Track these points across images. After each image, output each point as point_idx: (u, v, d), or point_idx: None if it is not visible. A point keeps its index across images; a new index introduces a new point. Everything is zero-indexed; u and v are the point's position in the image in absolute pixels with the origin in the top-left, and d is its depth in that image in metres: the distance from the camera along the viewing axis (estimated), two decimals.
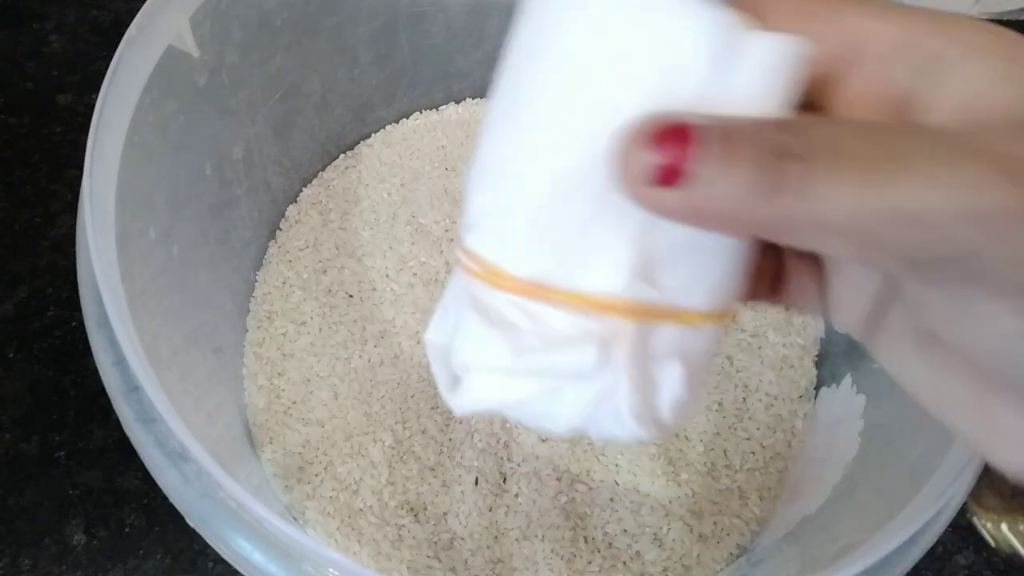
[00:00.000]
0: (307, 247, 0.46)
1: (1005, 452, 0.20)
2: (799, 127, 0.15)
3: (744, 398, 0.42)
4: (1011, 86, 0.17)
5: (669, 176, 0.15)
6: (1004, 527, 0.22)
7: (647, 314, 0.17)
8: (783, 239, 0.16)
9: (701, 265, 0.17)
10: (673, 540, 0.39)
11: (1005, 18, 0.56)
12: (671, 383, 0.18)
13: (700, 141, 0.15)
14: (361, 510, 0.38)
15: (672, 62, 0.16)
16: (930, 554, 0.27)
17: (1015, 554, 0.22)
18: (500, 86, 0.18)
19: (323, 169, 0.49)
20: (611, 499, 0.39)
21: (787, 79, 0.16)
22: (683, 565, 0.38)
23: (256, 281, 0.45)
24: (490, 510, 0.39)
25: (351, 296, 0.45)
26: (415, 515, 0.39)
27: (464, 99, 0.51)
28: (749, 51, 0.16)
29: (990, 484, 0.25)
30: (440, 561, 0.38)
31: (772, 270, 0.22)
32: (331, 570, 0.25)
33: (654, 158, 0.15)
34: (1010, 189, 0.15)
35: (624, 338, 0.17)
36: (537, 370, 0.18)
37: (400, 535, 0.38)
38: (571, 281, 0.17)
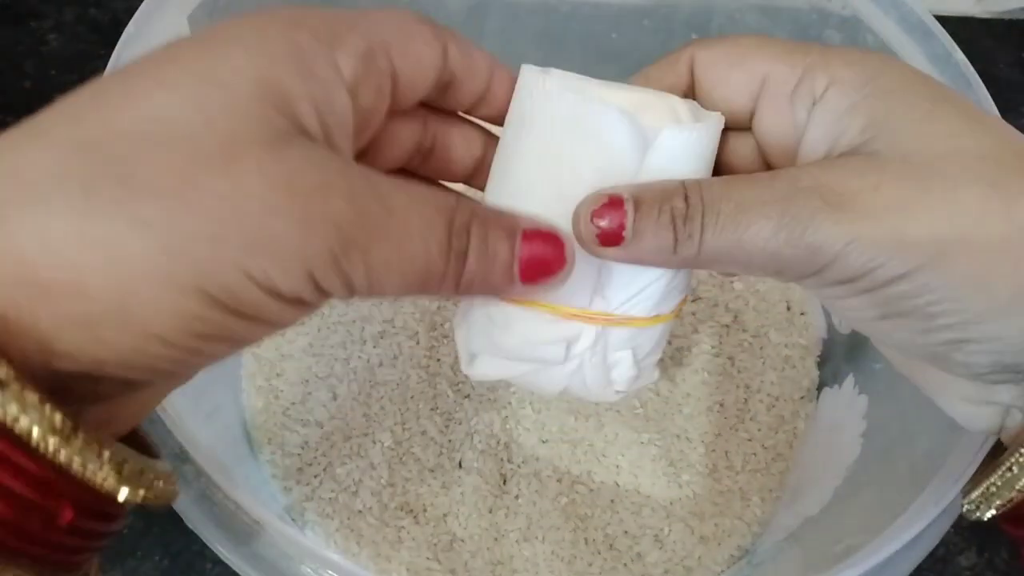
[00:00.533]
0: None
1: (946, 406, 0.24)
2: (690, 192, 0.21)
3: (746, 399, 0.42)
4: (855, 116, 0.21)
5: (609, 239, 0.21)
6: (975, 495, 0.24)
7: (604, 321, 0.24)
8: (696, 268, 0.24)
9: (643, 287, 0.24)
10: (674, 542, 0.38)
11: (1007, 17, 0.56)
12: (623, 366, 0.25)
13: (626, 212, 0.21)
14: (360, 511, 0.38)
15: (610, 153, 0.22)
16: (932, 555, 0.27)
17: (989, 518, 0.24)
18: (498, 156, 0.24)
19: None
20: (612, 500, 0.39)
21: (695, 152, 0.23)
22: (684, 567, 0.38)
23: None
24: (490, 511, 0.39)
25: None
26: (415, 516, 0.38)
27: None
28: (663, 141, 0.22)
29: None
30: (440, 563, 0.37)
31: None
32: (330, 572, 0.25)
33: (597, 227, 0.21)
34: (826, 210, 0.20)
35: (586, 337, 0.24)
36: (524, 358, 0.25)
37: (400, 536, 0.38)
38: (551, 297, 0.24)
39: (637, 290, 0.24)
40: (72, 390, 0.17)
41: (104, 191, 0.16)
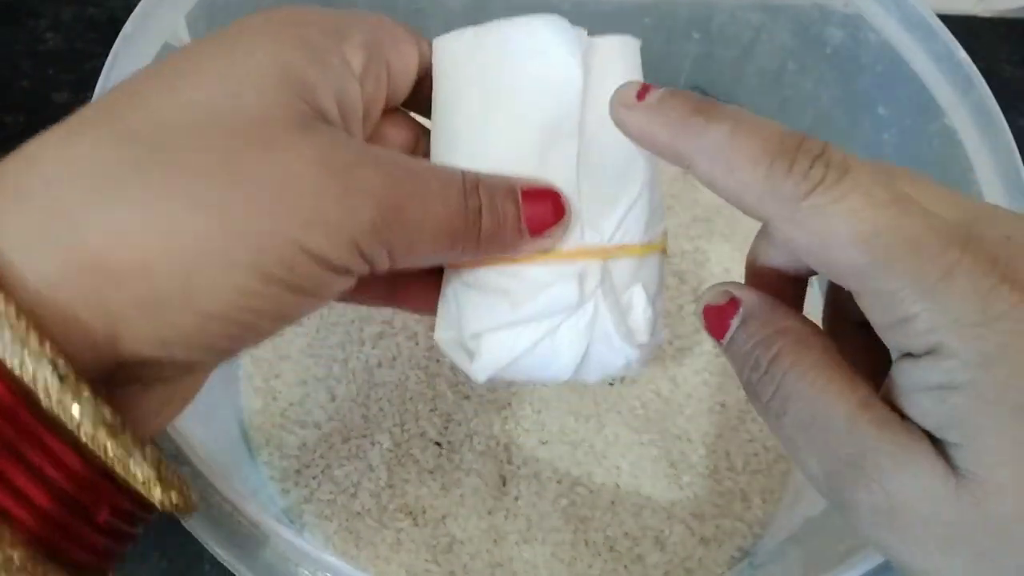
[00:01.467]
0: None
1: None
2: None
3: (747, 399, 0.42)
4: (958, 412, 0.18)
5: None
6: None
7: (603, 253, 0.23)
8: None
9: (628, 207, 0.23)
10: (675, 543, 0.38)
11: (1010, 15, 0.55)
12: (638, 303, 0.24)
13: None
14: (359, 513, 0.38)
15: (552, 62, 0.22)
16: None
17: None
18: (435, 127, 0.24)
19: None
20: (612, 502, 0.39)
21: (632, 63, 0.24)
22: (685, 568, 0.38)
23: None
24: (489, 513, 0.38)
25: None
26: (414, 518, 0.38)
27: None
28: (601, 50, 0.23)
29: None
30: (439, 565, 0.37)
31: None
32: (328, 575, 0.25)
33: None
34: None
35: (593, 273, 0.23)
36: (533, 314, 0.23)
37: (399, 538, 0.38)
38: (546, 246, 0.23)
39: (624, 212, 0.23)
40: (136, 376, 0.18)
41: (157, 177, 0.17)
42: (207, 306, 0.17)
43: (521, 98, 0.23)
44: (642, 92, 0.21)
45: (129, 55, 0.31)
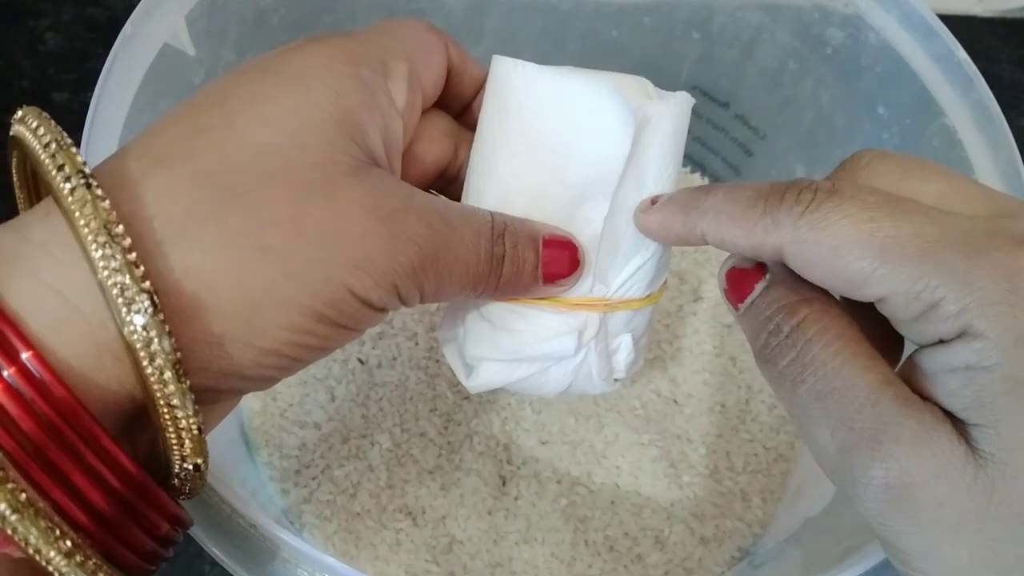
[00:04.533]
0: None
1: None
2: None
3: (747, 399, 0.42)
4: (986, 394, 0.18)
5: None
6: None
7: (606, 306, 0.25)
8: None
9: (638, 266, 0.24)
10: (675, 543, 0.38)
11: (1009, 15, 0.55)
12: (624, 350, 0.26)
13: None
14: (359, 514, 0.38)
15: (603, 131, 0.23)
16: None
17: None
18: (477, 151, 0.24)
19: None
20: (612, 502, 0.39)
21: (679, 125, 0.24)
22: (684, 568, 0.38)
23: None
24: (489, 513, 0.38)
25: None
26: (413, 519, 0.38)
27: None
28: (652, 118, 0.23)
29: None
30: (439, 565, 0.37)
31: None
32: (327, 575, 0.25)
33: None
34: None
35: (592, 325, 0.25)
36: (532, 357, 0.25)
37: (398, 539, 0.38)
38: (553, 292, 0.24)
39: (633, 270, 0.24)
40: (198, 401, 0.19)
41: (232, 222, 0.18)
42: (265, 343, 0.19)
43: (567, 150, 0.23)
44: (654, 199, 0.24)
45: (129, 55, 0.31)
